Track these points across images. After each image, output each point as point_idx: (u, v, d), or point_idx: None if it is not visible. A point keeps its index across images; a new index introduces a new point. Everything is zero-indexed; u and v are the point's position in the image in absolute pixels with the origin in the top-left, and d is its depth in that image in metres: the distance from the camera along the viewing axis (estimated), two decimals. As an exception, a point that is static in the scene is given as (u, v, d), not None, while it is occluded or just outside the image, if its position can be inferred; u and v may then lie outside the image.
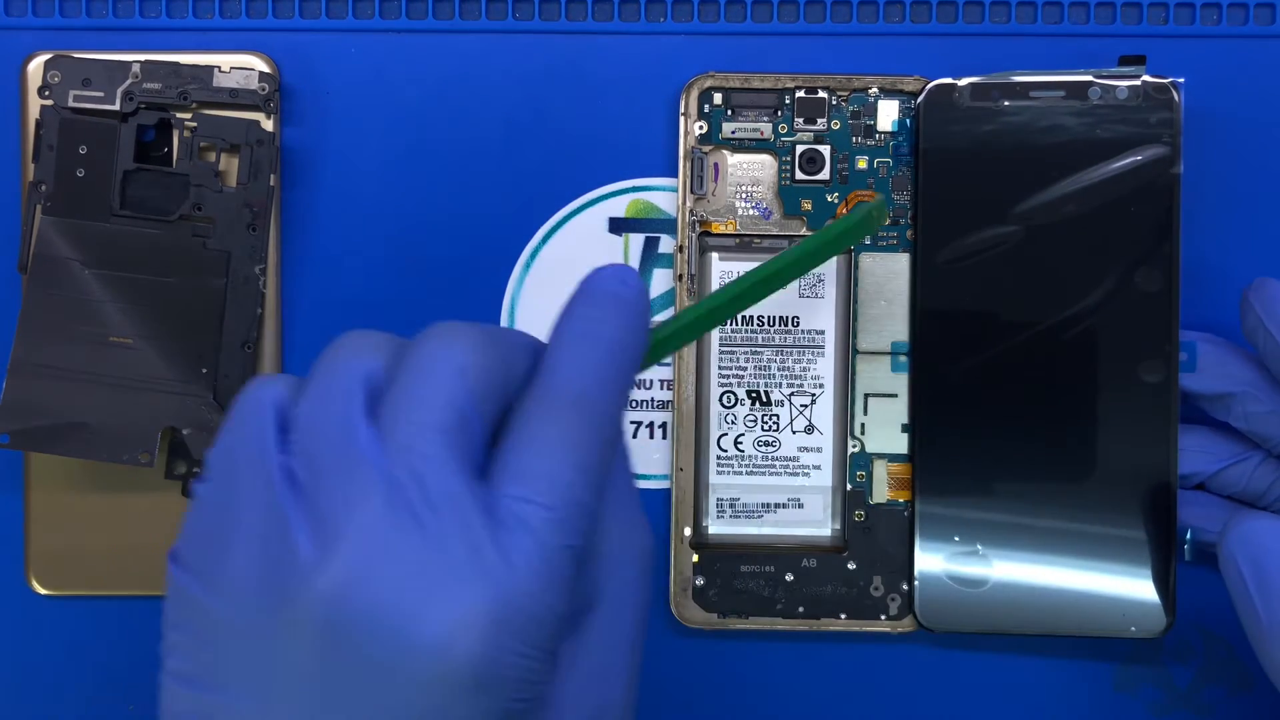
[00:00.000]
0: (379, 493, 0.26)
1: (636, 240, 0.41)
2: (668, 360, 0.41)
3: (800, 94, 0.40)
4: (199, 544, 0.27)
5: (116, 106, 0.39)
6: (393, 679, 0.25)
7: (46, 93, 0.39)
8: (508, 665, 0.25)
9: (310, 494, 0.26)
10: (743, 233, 0.40)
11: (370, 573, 0.25)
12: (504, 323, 0.41)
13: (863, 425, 0.40)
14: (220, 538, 0.27)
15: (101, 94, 0.39)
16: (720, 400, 0.41)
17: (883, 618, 0.40)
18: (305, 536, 0.26)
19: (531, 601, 0.26)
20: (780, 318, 0.40)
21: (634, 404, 0.42)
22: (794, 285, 0.40)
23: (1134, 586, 0.39)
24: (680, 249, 0.40)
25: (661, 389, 0.41)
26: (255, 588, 0.26)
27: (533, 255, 0.41)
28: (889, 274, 0.40)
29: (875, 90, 0.40)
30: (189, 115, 0.40)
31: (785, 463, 0.41)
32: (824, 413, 0.41)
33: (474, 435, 0.27)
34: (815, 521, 0.41)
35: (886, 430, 0.40)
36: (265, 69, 0.40)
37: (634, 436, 0.41)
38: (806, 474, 0.41)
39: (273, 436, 0.27)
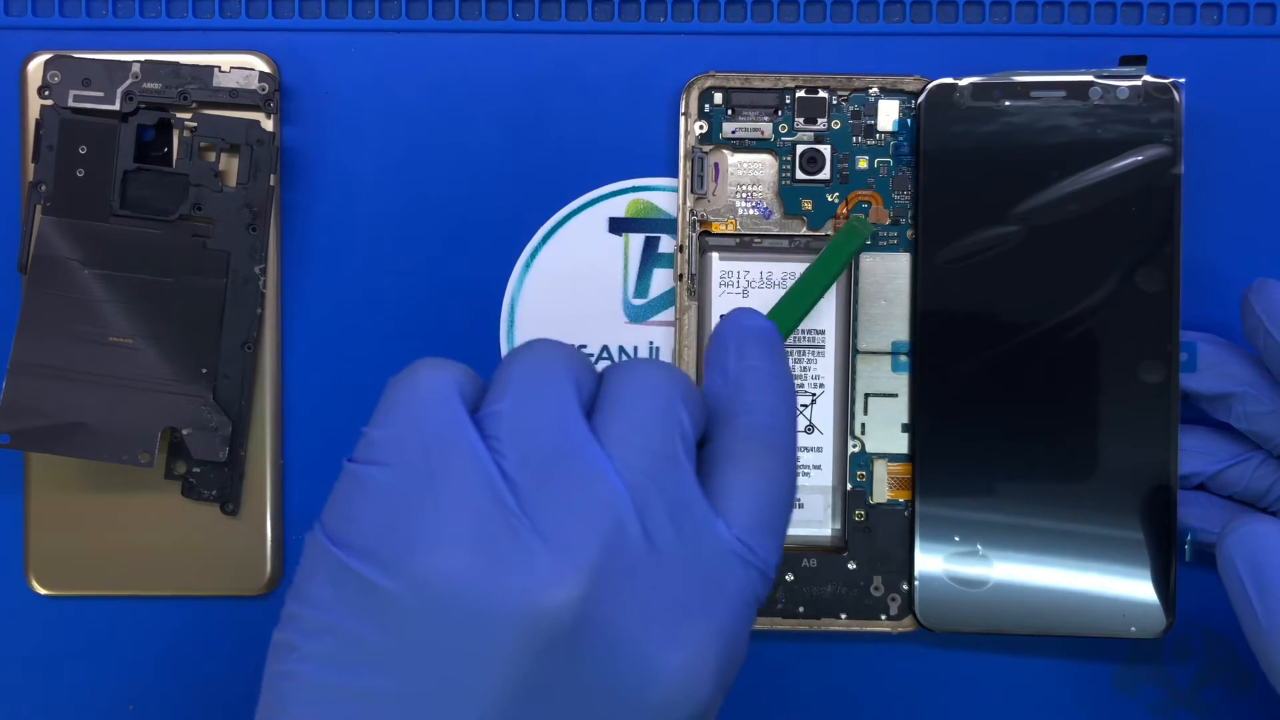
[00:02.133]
0: (622, 512, 0.26)
1: (636, 240, 0.41)
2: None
3: (800, 94, 0.40)
4: (380, 532, 0.26)
5: (116, 106, 0.39)
6: (621, 702, 0.26)
7: (46, 93, 0.39)
8: (719, 699, 0.27)
9: (534, 500, 0.26)
10: (743, 233, 0.40)
11: (614, 594, 0.26)
12: (504, 323, 0.41)
13: (863, 425, 0.40)
14: (416, 529, 0.26)
15: (101, 94, 0.39)
16: (720, 400, 0.41)
17: (883, 618, 0.40)
18: (542, 545, 0.26)
19: (741, 645, 0.27)
20: (780, 318, 0.40)
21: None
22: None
23: (1134, 587, 0.39)
24: (680, 249, 0.40)
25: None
26: (472, 589, 0.25)
27: (533, 255, 0.41)
28: (889, 274, 0.40)
29: (875, 90, 0.40)
30: (189, 115, 0.40)
31: (785, 463, 0.41)
32: (824, 413, 0.41)
33: (693, 465, 0.27)
34: (815, 521, 0.41)
35: (886, 430, 0.40)
36: (265, 69, 0.40)
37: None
38: (806, 474, 0.41)
39: (474, 430, 0.27)
